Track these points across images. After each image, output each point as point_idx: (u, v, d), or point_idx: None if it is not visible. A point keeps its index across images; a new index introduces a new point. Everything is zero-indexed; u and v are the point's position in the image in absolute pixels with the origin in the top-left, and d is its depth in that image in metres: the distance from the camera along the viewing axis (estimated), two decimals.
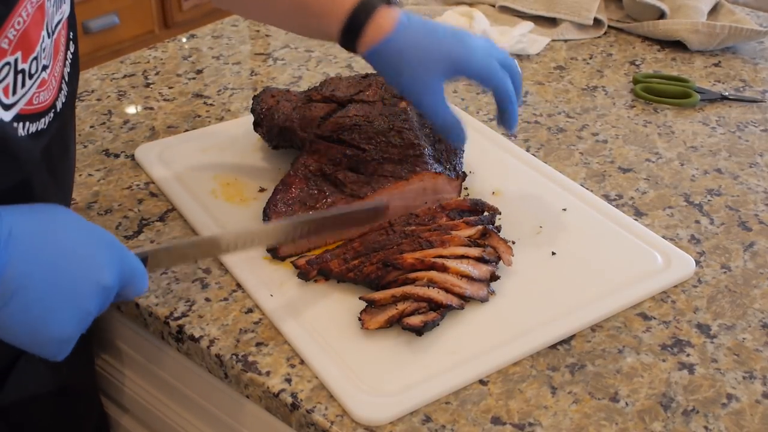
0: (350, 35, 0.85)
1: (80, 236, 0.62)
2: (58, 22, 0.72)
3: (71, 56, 0.76)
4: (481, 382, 0.74)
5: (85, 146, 1.06)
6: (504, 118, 0.88)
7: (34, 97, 0.70)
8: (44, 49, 0.69)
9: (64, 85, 0.75)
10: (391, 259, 0.80)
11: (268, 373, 0.74)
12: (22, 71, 0.67)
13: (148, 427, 0.97)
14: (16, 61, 0.66)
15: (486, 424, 0.70)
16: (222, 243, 0.77)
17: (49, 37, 0.70)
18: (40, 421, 0.86)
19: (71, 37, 0.75)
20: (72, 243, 0.61)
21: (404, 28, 0.85)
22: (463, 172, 0.95)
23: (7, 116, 0.67)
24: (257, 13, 0.94)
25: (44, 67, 0.70)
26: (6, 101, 0.67)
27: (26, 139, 0.70)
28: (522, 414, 0.71)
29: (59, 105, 0.74)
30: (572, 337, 0.79)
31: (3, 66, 0.65)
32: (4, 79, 0.65)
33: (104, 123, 1.12)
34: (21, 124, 0.69)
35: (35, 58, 0.68)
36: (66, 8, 0.73)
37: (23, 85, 0.68)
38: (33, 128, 0.70)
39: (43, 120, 0.72)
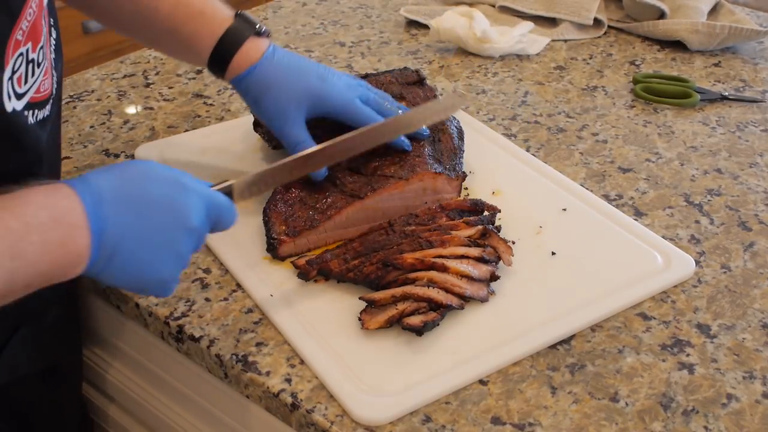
0: (219, 63, 0.88)
1: (162, 187, 0.66)
2: (43, 10, 0.73)
3: (54, 42, 0.77)
4: (481, 382, 0.74)
5: (85, 146, 1.06)
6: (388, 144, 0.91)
7: (41, 85, 0.72)
8: (44, 38, 0.71)
9: (53, 72, 0.76)
10: (391, 259, 0.80)
11: (268, 373, 0.74)
12: (32, 61, 0.70)
13: (147, 426, 0.97)
14: (27, 51, 0.69)
15: (486, 424, 0.70)
16: (308, 160, 0.82)
17: (44, 25, 0.71)
18: (28, 402, 0.87)
19: (52, 23, 0.77)
20: (157, 195, 0.66)
21: (269, 61, 0.88)
22: (463, 172, 0.95)
23: (19, 105, 0.70)
24: (134, 35, 0.94)
25: (45, 56, 0.72)
26: (19, 90, 0.69)
27: (35, 126, 0.73)
28: (522, 414, 0.71)
29: (54, 91, 0.76)
30: (572, 337, 0.79)
31: (18, 57, 0.68)
32: (18, 69, 0.68)
33: (104, 123, 1.12)
34: (30, 112, 0.72)
35: (42, 48, 0.71)
36: None
37: (33, 74, 0.71)
38: (40, 115, 0.73)
39: (47, 107, 0.74)
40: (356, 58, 1.31)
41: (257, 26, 0.88)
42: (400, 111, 0.93)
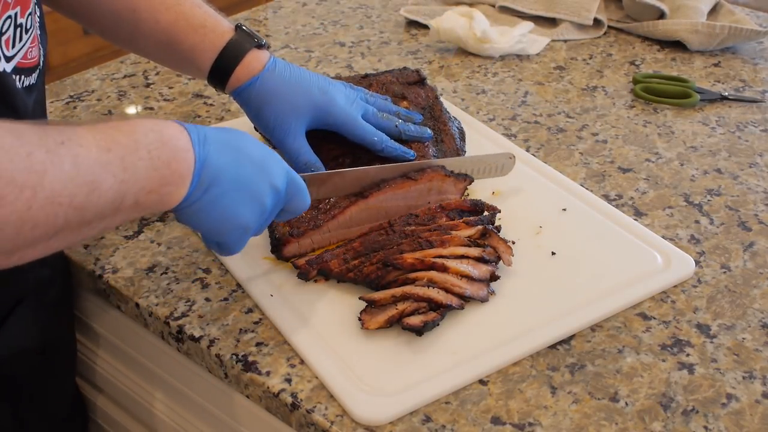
0: (220, 76, 0.89)
1: (257, 147, 0.72)
2: None
3: (39, 19, 0.78)
4: (481, 382, 0.74)
5: None
6: (387, 157, 0.91)
7: (28, 51, 0.74)
8: (33, 6, 0.73)
9: (40, 47, 0.78)
10: (391, 259, 0.80)
11: (268, 373, 0.74)
12: (21, 25, 0.72)
13: (148, 427, 0.97)
14: (15, 15, 0.70)
15: (486, 424, 0.70)
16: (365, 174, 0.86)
17: None
18: (22, 378, 0.87)
19: (36, 1, 0.78)
20: (251, 150, 0.72)
21: (271, 73, 0.88)
22: (471, 177, 0.95)
23: (8, 67, 0.71)
24: (134, 48, 0.95)
25: (33, 24, 0.73)
26: (7, 53, 0.71)
27: (22, 91, 0.74)
28: (522, 414, 0.71)
29: (41, 62, 0.78)
30: (572, 337, 0.79)
31: (5, 19, 0.69)
32: (6, 31, 0.70)
33: None
34: (18, 77, 0.73)
35: (30, 14, 0.73)
36: None
37: (21, 39, 0.72)
38: (27, 82, 0.75)
39: (33, 75, 0.76)
40: (356, 58, 1.31)
41: (257, 39, 0.89)
42: (399, 121, 0.93)
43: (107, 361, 0.97)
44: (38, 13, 0.78)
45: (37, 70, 0.76)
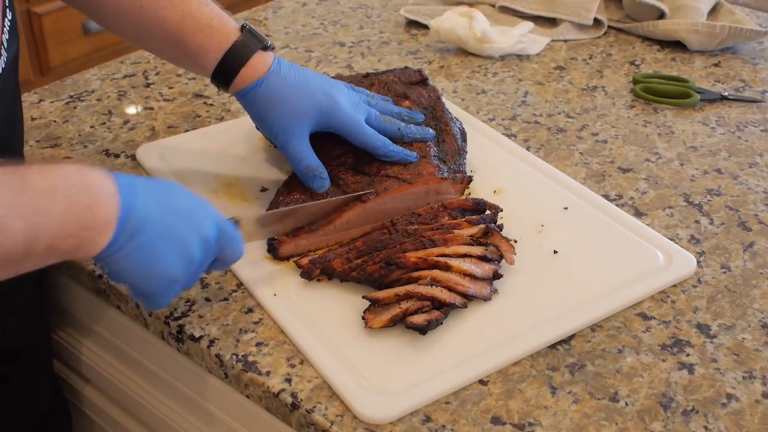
0: (224, 76, 0.89)
1: (186, 197, 0.72)
2: None
3: (9, 23, 0.77)
4: (481, 382, 0.74)
5: (85, 146, 1.06)
6: (390, 161, 0.91)
7: None
8: None
9: (3, 51, 0.76)
10: (394, 258, 0.80)
11: (268, 373, 0.74)
12: None
13: (148, 427, 0.97)
14: None
15: (486, 424, 0.70)
16: (309, 209, 0.85)
17: None
18: None
19: (7, 4, 0.77)
20: (180, 200, 0.71)
21: (275, 75, 0.88)
22: (469, 176, 0.95)
23: None
24: (139, 43, 0.95)
25: None
26: None
27: None
28: (522, 414, 0.71)
29: (2, 70, 0.76)
30: (572, 337, 0.79)
31: None
32: None
33: (104, 123, 1.12)
34: None
35: None
36: None
37: None
38: None
39: None
40: (356, 58, 1.31)
41: (263, 40, 0.88)
42: (401, 124, 0.93)
43: (107, 361, 0.97)
44: (6, 21, 0.76)
45: None
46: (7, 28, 0.77)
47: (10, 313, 0.87)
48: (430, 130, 0.95)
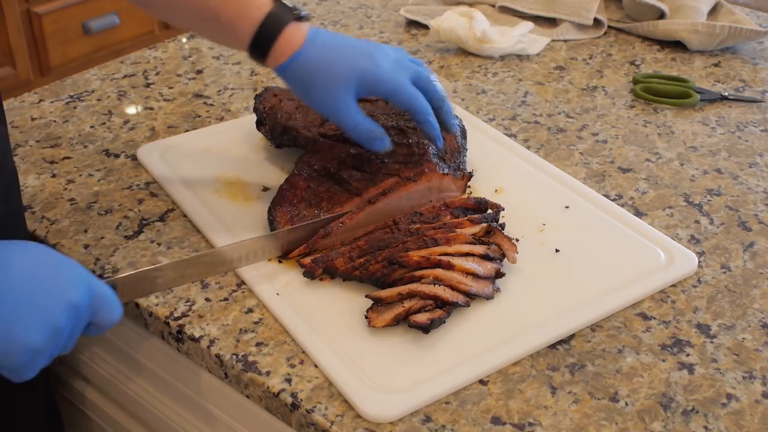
0: (259, 50, 0.86)
1: (51, 262, 0.65)
2: None
3: None
4: (481, 382, 0.74)
5: (85, 146, 1.06)
6: (423, 130, 0.88)
7: None
8: None
9: None
10: (396, 257, 0.80)
11: (268, 373, 0.74)
12: None
13: (149, 427, 0.97)
14: None
15: (486, 424, 0.70)
16: (194, 266, 0.79)
17: None
18: None
19: None
20: (43, 267, 0.64)
21: (312, 45, 0.85)
22: (470, 173, 0.95)
23: None
24: (171, 18, 0.93)
25: None
26: None
27: None
28: (522, 414, 0.71)
29: None
30: (572, 337, 0.79)
31: None
32: None
33: (104, 123, 1.12)
34: None
35: None
36: None
37: None
38: None
39: None
40: None
41: (296, 10, 0.86)
42: (443, 96, 0.90)
43: (107, 361, 0.97)
44: None
45: None
46: None
47: None
48: (457, 123, 0.93)
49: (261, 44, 0.85)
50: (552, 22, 1.44)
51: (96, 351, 0.98)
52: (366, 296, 0.79)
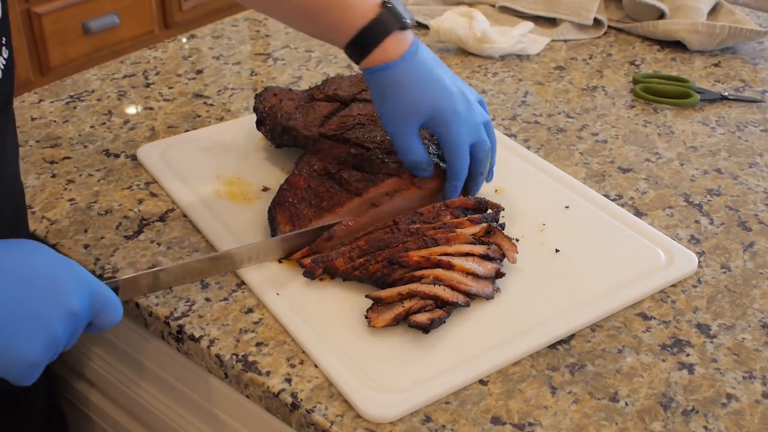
0: (355, 56, 0.86)
1: (49, 267, 0.63)
2: None
3: (3, 62, 0.73)
4: (481, 382, 0.74)
5: (85, 146, 1.06)
6: (445, 187, 0.89)
7: None
8: None
9: None
10: (396, 257, 0.80)
11: (268, 373, 0.74)
12: None
13: (149, 427, 0.97)
14: None
15: (486, 424, 0.70)
16: (197, 267, 0.79)
17: None
18: None
19: (4, 42, 0.73)
20: (40, 273, 0.62)
21: (407, 62, 0.84)
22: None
23: None
24: (270, 13, 0.94)
25: None
26: None
27: None
28: (522, 414, 0.71)
29: None
30: (572, 337, 0.79)
31: None
32: None
33: (104, 123, 1.12)
34: None
35: None
36: None
37: None
38: None
39: None
40: None
41: (402, 19, 0.84)
42: (485, 171, 0.90)
43: (107, 361, 0.97)
44: (2, 59, 0.72)
45: None
46: (1, 67, 0.72)
47: None
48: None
49: (358, 51, 0.85)
50: (552, 22, 1.44)
51: (99, 353, 0.98)
52: (366, 296, 0.79)
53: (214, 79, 1.24)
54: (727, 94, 1.23)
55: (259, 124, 1.02)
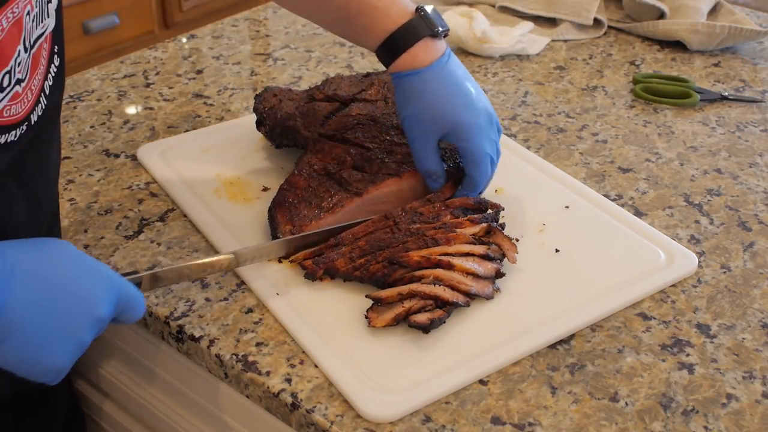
0: (387, 56, 0.86)
1: (77, 272, 0.63)
2: (39, 36, 0.70)
3: (55, 70, 0.74)
4: (481, 382, 0.74)
5: (85, 146, 1.06)
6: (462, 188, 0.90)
7: (5, 109, 0.68)
8: (19, 63, 0.68)
9: (42, 99, 0.73)
10: (397, 257, 0.80)
11: (268, 373, 0.74)
12: None
13: (149, 427, 0.97)
14: None
15: (486, 424, 0.70)
16: (217, 263, 0.80)
17: (26, 51, 0.69)
18: (2, 427, 0.85)
19: (56, 50, 0.74)
20: (69, 279, 0.62)
21: (435, 72, 0.85)
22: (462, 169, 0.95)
23: None
24: (308, 18, 0.96)
25: (18, 81, 0.69)
26: None
27: None
28: (522, 414, 0.71)
29: (34, 118, 0.73)
30: (572, 336, 0.79)
31: None
32: None
33: (104, 123, 1.12)
34: None
35: (8, 72, 0.67)
36: (50, 22, 0.72)
37: None
38: (2, 139, 0.69)
39: (13, 132, 0.70)
40: (356, 58, 1.31)
41: (435, 27, 0.85)
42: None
43: (107, 361, 0.97)
44: (53, 67, 0.73)
45: (22, 127, 0.71)
46: (53, 74, 0.74)
47: None
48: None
49: (390, 52, 0.86)
50: (552, 22, 1.44)
51: (94, 350, 0.98)
52: (366, 296, 0.79)
53: (214, 79, 1.24)
54: (727, 94, 1.23)
55: (259, 124, 1.02)
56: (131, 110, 1.15)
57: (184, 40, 1.36)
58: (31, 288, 0.60)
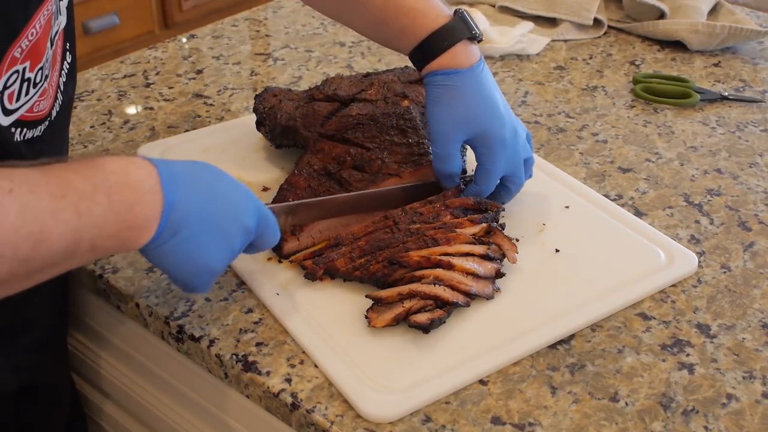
0: (425, 56, 0.87)
1: (228, 185, 0.70)
2: (56, 33, 0.72)
3: (68, 66, 0.76)
4: (481, 382, 0.74)
5: (85, 146, 1.06)
6: (473, 189, 0.90)
7: (35, 105, 0.71)
8: (47, 60, 0.70)
9: (59, 95, 0.75)
10: (397, 257, 0.80)
11: (268, 373, 0.74)
12: (29, 80, 0.70)
13: (148, 427, 0.97)
14: (24, 69, 0.68)
15: (486, 424, 0.70)
16: (352, 201, 0.85)
17: (50, 47, 0.70)
18: (4, 421, 0.86)
19: (68, 47, 0.75)
20: (224, 188, 0.70)
21: (474, 76, 0.85)
22: (464, 169, 0.95)
23: (5, 121, 0.69)
24: (344, 23, 0.96)
25: (46, 77, 0.71)
26: (9, 107, 0.68)
27: (21, 145, 0.72)
28: (522, 414, 0.71)
29: (54, 113, 0.75)
30: (572, 337, 0.79)
31: (12, 74, 0.67)
32: (11, 86, 0.68)
33: (104, 123, 1.12)
34: (18, 130, 0.71)
35: (41, 68, 0.70)
36: (63, 19, 0.73)
37: (27, 93, 0.70)
38: (29, 134, 0.72)
39: (39, 127, 0.73)
40: (356, 58, 1.31)
41: (474, 31, 0.86)
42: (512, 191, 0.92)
43: (107, 360, 0.97)
44: (66, 64, 0.75)
45: (46, 122, 0.74)
46: (66, 71, 0.76)
47: (26, 350, 0.85)
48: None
49: (429, 52, 0.86)
50: (552, 22, 1.44)
51: (94, 350, 0.98)
52: (366, 296, 0.79)
53: (214, 79, 1.24)
54: (727, 94, 1.23)
55: (259, 124, 1.02)
56: (131, 110, 1.15)
57: (184, 40, 1.36)
58: (193, 191, 0.66)
